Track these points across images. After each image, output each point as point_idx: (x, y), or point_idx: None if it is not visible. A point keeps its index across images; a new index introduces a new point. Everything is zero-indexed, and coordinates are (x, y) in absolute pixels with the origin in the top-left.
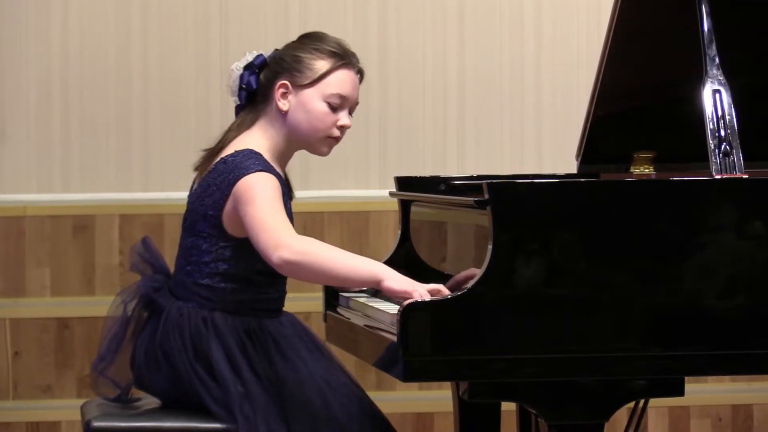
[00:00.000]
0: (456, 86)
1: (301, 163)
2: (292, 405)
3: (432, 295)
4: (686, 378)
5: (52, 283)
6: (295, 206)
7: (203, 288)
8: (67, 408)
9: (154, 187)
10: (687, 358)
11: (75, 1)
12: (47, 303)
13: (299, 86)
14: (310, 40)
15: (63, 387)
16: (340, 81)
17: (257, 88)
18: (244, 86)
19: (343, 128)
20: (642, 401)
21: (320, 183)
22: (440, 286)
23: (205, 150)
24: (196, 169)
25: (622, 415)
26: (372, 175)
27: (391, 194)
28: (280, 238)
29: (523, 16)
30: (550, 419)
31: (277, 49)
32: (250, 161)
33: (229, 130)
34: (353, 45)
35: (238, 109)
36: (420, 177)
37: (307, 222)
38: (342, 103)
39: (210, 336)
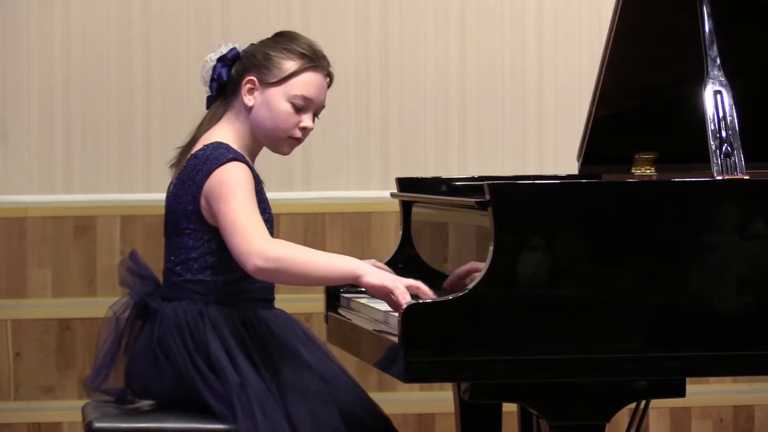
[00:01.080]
0: (457, 87)
1: (302, 163)
2: (290, 391)
3: (410, 291)
4: (687, 379)
5: (53, 284)
6: (296, 207)
7: (195, 284)
8: (68, 409)
9: (155, 187)
10: (688, 358)
11: (77, 2)
12: (48, 304)
13: (266, 84)
14: (283, 39)
15: (64, 388)
16: (306, 83)
17: (227, 81)
18: (215, 78)
19: (305, 130)
20: (643, 402)
21: (321, 184)
22: (419, 283)
23: (180, 147)
24: (172, 166)
25: (623, 416)
26: (373, 176)
27: (393, 195)
28: (253, 245)
29: (525, 17)
30: (551, 420)
31: (253, 44)
32: (220, 151)
33: (201, 124)
34: (355, 45)
35: (209, 101)
36: (421, 178)
37: (309, 223)
38: (306, 105)
39: (207, 329)
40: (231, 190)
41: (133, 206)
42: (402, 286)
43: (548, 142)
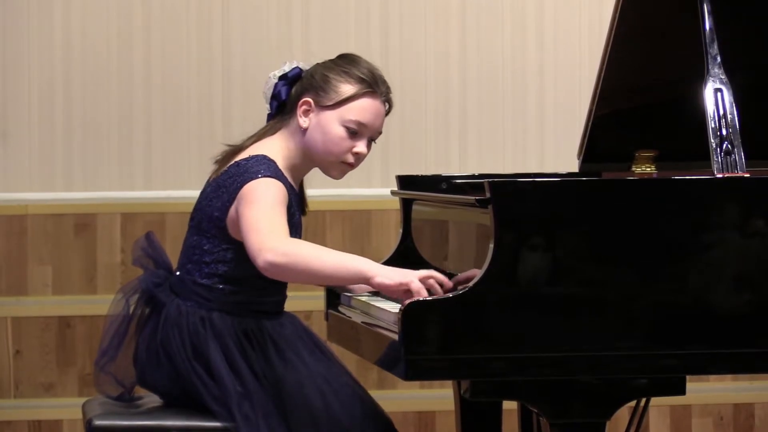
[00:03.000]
0: (458, 85)
1: None
2: (292, 405)
3: (425, 281)
4: (688, 377)
5: (53, 282)
6: None
7: (201, 288)
8: (68, 406)
9: (155, 185)
10: (688, 356)
11: (77, 2)
12: (49, 301)
13: (321, 106)
14: (344, 62)
15: (65, 385)
16: (362, 108)
17: (286, 100)
18: (275, 95)
19: (357, 156)
20: (643, 400)
21: (322, 181)
22: (431, 271)
23: (228, 145)
24: (216, 162)
25: (623, 414)
26: (374, 174)
27: (393, 193)
28: (265, 242)
29: (525, 15)
30: (551, 418)
31: (317, 64)
32: (261, 167)
33: (253, 136)
34: (355, 44)
35: (269, 118)
36: (422, 176)
37: (309, 221)
38: (361, 131)
39: (208, 336)
40: (257, 197)
41: (134, 204)
42: (417, 281)
43: (549, 140)
